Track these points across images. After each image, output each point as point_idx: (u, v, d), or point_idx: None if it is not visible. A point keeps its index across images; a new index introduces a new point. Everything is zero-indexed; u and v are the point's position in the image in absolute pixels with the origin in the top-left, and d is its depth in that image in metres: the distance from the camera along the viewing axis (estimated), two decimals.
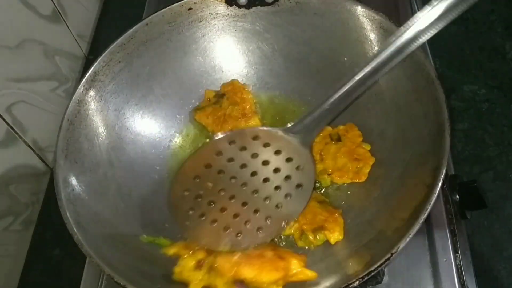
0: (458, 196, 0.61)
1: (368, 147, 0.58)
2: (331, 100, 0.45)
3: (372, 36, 0.57)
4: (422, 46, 0.40)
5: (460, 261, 0.57)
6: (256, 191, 0.49)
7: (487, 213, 0.73)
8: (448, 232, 0.58)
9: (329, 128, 0.60)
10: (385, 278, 0.55)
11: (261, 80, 0.66)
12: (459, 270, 0.56)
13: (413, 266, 0.57)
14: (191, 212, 0.49)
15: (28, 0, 0.65)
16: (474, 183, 0.60)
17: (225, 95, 0.63)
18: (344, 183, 0.57)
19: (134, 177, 0.59)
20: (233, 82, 0.65)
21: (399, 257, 0.57)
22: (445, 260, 0.56)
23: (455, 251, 0.57)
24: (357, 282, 0.41)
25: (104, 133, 0.58)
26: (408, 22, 0.39)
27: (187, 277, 0.50)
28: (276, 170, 0.48)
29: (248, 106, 0.62)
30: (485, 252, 0.70)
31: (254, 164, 0.48)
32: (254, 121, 0.62)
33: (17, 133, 0.63)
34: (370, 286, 0.54)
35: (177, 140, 0.64)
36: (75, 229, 0.46)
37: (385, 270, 0.55)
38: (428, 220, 0.59)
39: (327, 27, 0.60)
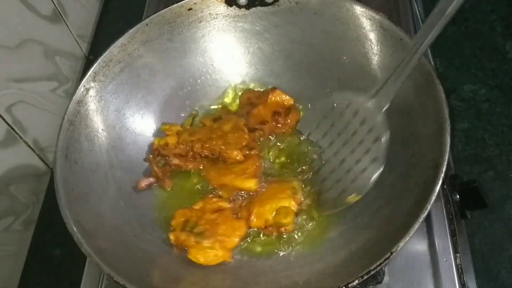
0: (458, 196, 0.61)
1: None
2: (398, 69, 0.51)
3: (372, 35, 0.57)
4: None
5: (460, 261, 0.57)
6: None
7: (487, 213, 0.73)
8: (448, 232, 0.58)
9: None
10: (386, 278, 0.54)
11: (261, 80, 0.67)
12: (459, 270, 0.56)
13: (413, 266, 0.57)
14: None
15: (28, 0, 0.65)
16: (474, 183, 0.60)
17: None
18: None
19: (134, 177, 0.59)
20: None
21: (399, 257, 0.57)
22: (446, 260, 0.56)
23: (455, 251, 0.57)
24: (356, 281, 0.41)
25: (104, 133, 0.58)
26: None
27: (167, 130, 0.61)
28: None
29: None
30: (485, 252, 0.70)
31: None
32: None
33: (17, 133, 0.63)
34: (371, 286, 0.54)
35: None
36: (75, 229, 0.46)
37: (386, 270, 0.55)
38: (428, 220, 0.59)
39: (327, 27, 0.60)
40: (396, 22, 0.54)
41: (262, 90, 0.66)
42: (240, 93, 0.67)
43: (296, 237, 0.55)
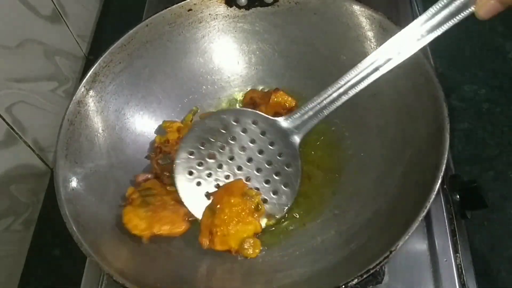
0: (458, 196, 0.61)
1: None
2: (325, 96, 0.51)
3: (372, 35, 0.57)
4: None
5: (460, 261, 0.57)
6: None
7: (487, 213, 0.73)
8: (448, 232, 0.58)
9: None
10: (385, 278, 0.54)
11: (261, 80, 0.67)
12: (459, 270, 0.56)
13: (413, 266, 0.57)
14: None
15: (28, 0, 0.65)
16: (474, 183, 0.60)
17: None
18: None
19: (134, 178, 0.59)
20: None
21: (399, 257, 0.57)
22: (445, 260, 0.56)
23: (455, 251, 0.57)
24: (356, 280, 0.41)
25: (104, 134, 0.58)
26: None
27: (167, 127, 0.62)
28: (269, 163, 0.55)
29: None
30: (485, 252, 0.69)
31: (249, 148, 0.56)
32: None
33: (17, 133, 0.63)
34: (371, 286, 0.54)
35: None
36: (75, 229, 0.46)
37: (386, 270, 0.55)
38: (428, 220, 0.59)
39: (326, 26, 0.60)
40: (396, 22, 0.54)
41: (266, 90, 0.66)
42: (241, 94, 0.67)
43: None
